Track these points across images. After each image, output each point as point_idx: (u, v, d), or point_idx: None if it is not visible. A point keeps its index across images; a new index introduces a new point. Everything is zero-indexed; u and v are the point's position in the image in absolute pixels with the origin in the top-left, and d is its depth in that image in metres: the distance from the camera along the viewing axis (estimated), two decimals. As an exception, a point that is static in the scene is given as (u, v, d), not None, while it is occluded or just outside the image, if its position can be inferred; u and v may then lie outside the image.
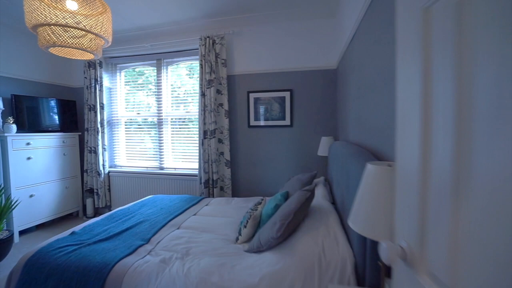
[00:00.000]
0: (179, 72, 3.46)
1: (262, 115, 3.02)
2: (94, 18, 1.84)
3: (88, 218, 3.53)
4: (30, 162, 3.02)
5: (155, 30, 3.25)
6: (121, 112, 3.68)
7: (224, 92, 2.97)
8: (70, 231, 1.87)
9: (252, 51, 3.01)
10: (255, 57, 3.01)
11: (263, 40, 2.97)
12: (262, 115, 3.02)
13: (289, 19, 2.86)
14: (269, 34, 2.95)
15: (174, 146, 3.49)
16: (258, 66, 3.01)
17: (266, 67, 2.99)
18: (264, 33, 2.96)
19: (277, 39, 2.94)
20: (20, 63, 3.20)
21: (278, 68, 2.96)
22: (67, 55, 1.95)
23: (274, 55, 2.96)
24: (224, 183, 3.02)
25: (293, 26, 2.88)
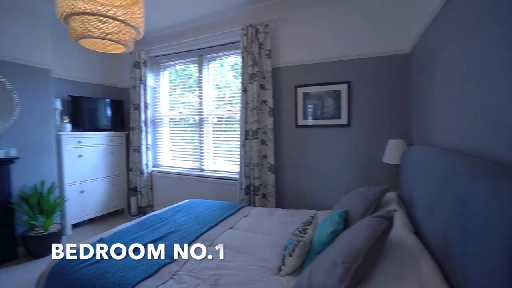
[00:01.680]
0: (222, 71, 3.24)
1: (312, 113, 2.57)
2: (125, 8, 1.67)
3: (132, 216, 3.55)
4: (81, 160, 3.12)
5: (196, 24, 3.08)
6: (164, 111, 3.63)
7: (268, 87, 2.61)
8: (98, 237, 1.74)
9: (300, 39, 2.59)
10: (305, 46, 2.58)
11: (314, 24, 2.52)
12: (312, 112, 2.57)
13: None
14: (321, 17, 2.49)
15: (215, 147, 3.27)
16: (308, 56, 2.57)
17: (317, 56, 2.53)
18: (315, 16, 2.51)
19: (331, 22, 2.46)
20: (75, 66, 3.36)
21: (333, 57, 2.47)
22: (100, 48, 1.84)
23: (327, 42, 2.49)
24: (267, 190, 2.66)
25: (350, 4, 2.37)
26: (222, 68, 3.25)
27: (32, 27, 2.63)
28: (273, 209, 2.35)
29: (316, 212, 1.71)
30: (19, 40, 2.54)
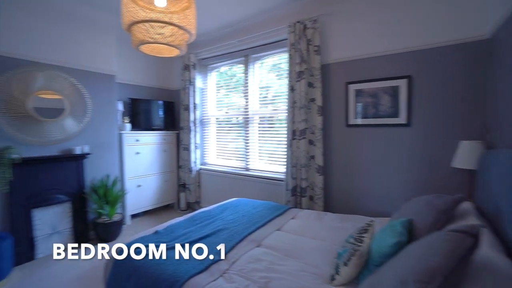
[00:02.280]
0: (266, 72, 3.23)
1: (366, 112, 2.38)
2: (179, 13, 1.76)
3: (182, 210, 3.77)
4: (138, 157, 3.41)
5: (243, 25, 3.12)
6: (212, 111, 3.76)
7: (316, 85, 2.50)
8: (154, 229, 1.86)
9: (352, 32, 2.42)
10: (357, 39, 2.40)
11: (367, 15, 2.33)
12: (366, 111, 2.38)
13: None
14: (375, 6, 2.29)
15: (260, 147, 3.27)
16: (361, 50, 2.38)
17: (371, 50, 2.33)
18: (370, 6, 2.31)
19: (388, 11, 2.23)
20: (134, 71, 3.68)
21: (390, 50, 2.25)
22: (157, 53, 1.97)
23: (383, 33, 2.27)
24: (315, 193, 2.55)
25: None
26: (264, 68, 3.24)
27: (101, 39, 2.95)
28: (322, 212, 2.24)
29: (372, 219, 1.56)
30: (91, 51, 2.87)
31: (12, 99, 2.30)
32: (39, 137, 2.47)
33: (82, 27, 2.78)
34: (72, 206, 2.72)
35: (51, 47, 2.56)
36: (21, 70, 2.35)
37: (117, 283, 1.48)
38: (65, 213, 2.70)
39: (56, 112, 2.55)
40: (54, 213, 2.62)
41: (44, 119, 2.45)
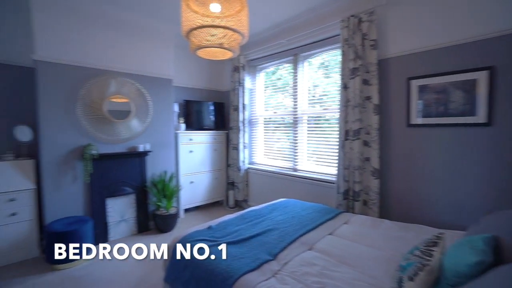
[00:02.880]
0: (314, 70, 3.14)
1: (431, 110, 2.12)
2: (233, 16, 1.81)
3: (230, 208, 3.90)
4: (191, 155, 3.64)
5: (292, 24, 3.08)
6: (260, 111, 3.80)
7: (372, 82, 2.33)
8: (208, 225, 1.95)
9: (415, 22, 2.18)
10: (420, 29, 2.15)
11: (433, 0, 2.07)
12: (431, 109, 2.12)
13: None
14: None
15: (309, 147, 3.19)
16: (425, 41, 2.13)
17: (438, 40, 2.06)
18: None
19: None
20: (190, 75, 3.95)
21: (463, 37, 1.96)
22: (211, 56, 2.06)
23: (454, 19, 1.99)
24: (369, 197, 2.38)
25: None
26: (313, 67, 3.15)
27: (161, 47, 3.22)
28: (378, 219, 2.07)
29: (442, 231, 1.38)
30: (153, 58, 3.16)
31: (92, 103, 2.67)
32: (111, 136, 2.82)
33: (146, 38, 3.08)
34: (136, 198, 3.04)
35: (120, 57, 2.90)
36: (99, 78, 2.72)
37: (175, 271, 1.60)
38: (130, 204, 3.02)
39: (124, 114, 2.87)
40: (122, 203, 2.96)
41: (115, 120, 2.79)
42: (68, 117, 2.57)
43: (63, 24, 2.51)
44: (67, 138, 2.58)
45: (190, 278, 1.46)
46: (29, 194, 2.42)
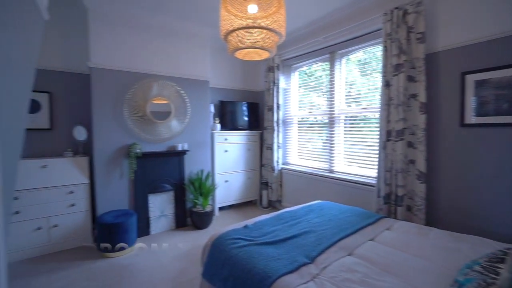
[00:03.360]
0: (351, 68, 3.01)
1: (491, 107, 1.90)
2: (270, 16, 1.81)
3: (263, 208, 3.92)
4: (226, 154, 3.73)
5: (328, 20, 2.98)
6: (294, 111, 3.75)
7: (419, 79, 2.15)
8: (244, 224, 1.98)
9: (473, 7, 1.96)
10: (480, 16, 1.93)
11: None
12: (491, 107, 1.90)
13: None
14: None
15: (346, 148, 3.06)
16: (484, 30, 1.90)
17: (502, 28, 1.83)
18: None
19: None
20: (225, 76, 4.05)
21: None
22: (248, 57, 2.07)
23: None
24: (414, 203, 2.21)
25: None
26: (351, 64, 3.01)
27: (198, 50, 3.35)
28: (426, 227, 1.91)
29: (509, 246, 1.22)
30: (191, 61, 3.30)
31: (137, 105, 2.87)
32: (153, 136, 3.01)
33: (185, 42, 3.22)
34: (174, 194, 3.20)
35: (162, 61, 3.08)
36: (143, 81, 2.92)
37: (214, 268, 1.64)
38: (170, 200, 3.19)
39: (164, 115, 3.04)
40: (162, 199, 3.14)
41: (156, 121, 2.97)
42: (116, 118, 2.80)
43: (113, 34, 2.74)
44: (115, 137, 2.81)
45: (228, 276, 1.49)
46: (84, 188, 2.69)
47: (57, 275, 2.17)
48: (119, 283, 2.06)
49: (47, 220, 2.51)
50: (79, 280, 2.10)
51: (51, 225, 2.53)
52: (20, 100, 1.31)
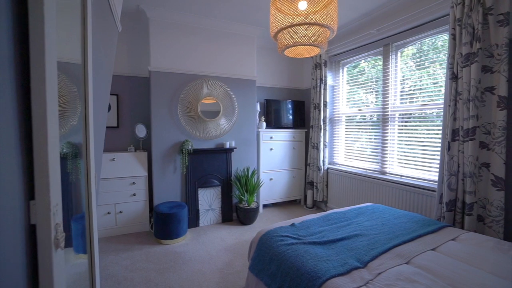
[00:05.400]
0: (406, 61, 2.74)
1: None
2: (321, 11, 1.76)
3: (308, 208, 3.84)
4: (271, 152, 3.75)
5: (383, 11, 2.77)
6: (342, 109, 3.59)
7: (498, 68, 1.86)
8: (291, 222, 1.97)
9: None
10: None
11: None
12: None
13: None
14: None
15: (400, 148, 2.82)
16: None
17: None
18: None
19: None
20: (270, 75, 4.07)
21: None
22: (298, 55, 2.05)
23: None
24: (488, 212, 1.92)
25: None
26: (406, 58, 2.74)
27: (246, 50, 3.43)
28: (503, 241, 1.65)
29: None
30: (239, 61, 3.40)
31: (189, 105, 3.07)
32: (203, 133, 3.18)
33: (233, 43, 3.33)
34: (221, 190, 3.34)
35: (212, 62, 3.23)
36: (195, 82, 3.11)
37: (261, 263, 1.67)
38: (217, 195, 3.34)
39: (214, 114, 3.19)
40: (210, 194, 3.30)
41: (206, 119, 3.13)
42: (171, 117, 3.04)
43: (169, 40, 2.98)
44: (170, 134, 3.06)
45: (276, 272, 1.50)
46: (144, 180, 2.99)
47: (123, 255, 2.46)
48: (173, 268, 2.24)
49: (114, 206, 2.86)
50: (140, 262, 2.35)
51: (117, 211, 2.87)
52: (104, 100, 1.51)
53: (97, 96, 1.33)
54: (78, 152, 1.00)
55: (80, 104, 1.01)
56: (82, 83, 1.03)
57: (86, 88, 1.04)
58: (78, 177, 1.00)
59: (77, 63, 1.00)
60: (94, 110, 1.21)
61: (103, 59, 1.44)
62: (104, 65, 1.47)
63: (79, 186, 1.01)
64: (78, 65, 1.00)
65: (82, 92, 1.03)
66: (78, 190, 1.01)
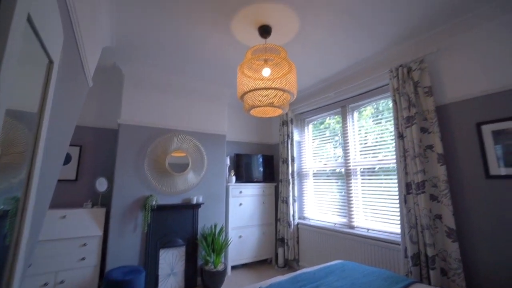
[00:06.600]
0: (365, 118, 3.09)
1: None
2: (282, 78, 2.00)
3: (280, 267, 3.60)
4: (241, 208, 3.65)
5: (339, 78, 3.21)
6: (309, 164, 3.75)
7: (433, 130, 2.15)
8: (258, 286, 1.81)
9: (477, 64, 2.05)
10: (489, 70, 1.99)
11: (497, 41, 1.95)
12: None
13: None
14: (505, 31, 1.90)
15: (365, 201, 2.92)
16: (495, 82, 1.94)
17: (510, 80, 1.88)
18: (498, 30, 1.95)
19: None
20: (240, 130, 4.26)
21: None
22: (263, 114, 2.22)
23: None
24: (449, 265, 1.96)
25: None
26: (363, 113, 3.09)
27: (217, 107, 3.64)
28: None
29: None
30: (210, 117, 3.56)
31: (157, 158, 3.03)
32: (170, 188, 3.07)
33: (204, 100, 3.54)
34: (186, 250, 3.07)
35: (183, 117, 3.34)
36: (164, 136, 3.13)
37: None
38: (180, 257, 3.05)
39: (182, 167, 3.15)
40: (173, 255, 3.01)
41: (174, 173, 3.06)
42: (137, 170, 2.94)
43: (142, 94, 3.09)
44: (134, 189, 2.90)
45: None
46: (97, 240, 2.67)
47: None
48: None
49: (55, 275, 2.44)
50: None
51: (58, 281, 2.44)
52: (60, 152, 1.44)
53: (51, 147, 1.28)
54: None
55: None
56: (34, 134, 1.00)
57: (37, 139, 1.00)
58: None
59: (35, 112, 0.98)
60: (44, 163, 1.15)
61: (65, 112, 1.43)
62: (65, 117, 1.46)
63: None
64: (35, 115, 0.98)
65: (32, 142, 0.98)
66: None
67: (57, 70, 1.08)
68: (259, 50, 2.10)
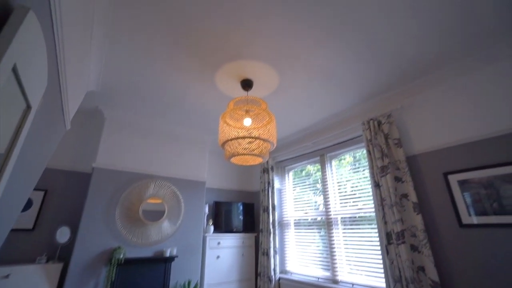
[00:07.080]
0: (343, 166, 3.20)
1: (485, 206, 1.90)
2: (262, 128, 2.09)
3: (259, 333, 3.20)
4: (218, 261, 3.38)
5: (316, 128, 3.39)
6: (290, 212, 3.68)
7: (406, 179, 2.26)
8: None
9: (438, 120, 2.28)
10: (448, 124, 2.20)
11: (454, 99, 2.21)
12: (484, 205, 1.90)
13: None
14: (464, 89, 2.17)
15: (348, 252, 2.82)
16: (457, 135, 2.12)
17: (471, 133, 2.07)
18: (454, 90, 2.22)
19: (482, 91, 2.09)
20: (220, 177, 4.20)
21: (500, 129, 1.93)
22: (243, 162, 2.24)
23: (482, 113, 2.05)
24: (437, 324, 1.85)
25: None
26: (342, 162, 3.21)
27: (196, 154, 3.63)
28: None
29: None
30: (189, 163, 3.51)
31: (131, 205, 2.84)
32: (141, 238, 2.82)
33: (184, 146, 3.54)
34: (154, 313, 2.68)
35: (161, 162, 3.27)
36: (141, 182, 3.00)
37: None
38: (147, 322, 2.64)
39: (157, 215, 2.96)
40: (138, 320, 2.60)
41: (148, 222, 2.85)
42: (106, 218, 2.71)
43: (120, 139, 3.04)
44: (100, 239, 2.63)
45: None
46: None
47: None
48: None
49: None
50: None
51: None
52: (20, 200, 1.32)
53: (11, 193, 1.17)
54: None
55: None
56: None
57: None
58: None
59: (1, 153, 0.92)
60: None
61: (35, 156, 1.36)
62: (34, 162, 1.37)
63: None
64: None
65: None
66: None
67: (34, 115, 1.06)
68: (241, 102, 2.22)
